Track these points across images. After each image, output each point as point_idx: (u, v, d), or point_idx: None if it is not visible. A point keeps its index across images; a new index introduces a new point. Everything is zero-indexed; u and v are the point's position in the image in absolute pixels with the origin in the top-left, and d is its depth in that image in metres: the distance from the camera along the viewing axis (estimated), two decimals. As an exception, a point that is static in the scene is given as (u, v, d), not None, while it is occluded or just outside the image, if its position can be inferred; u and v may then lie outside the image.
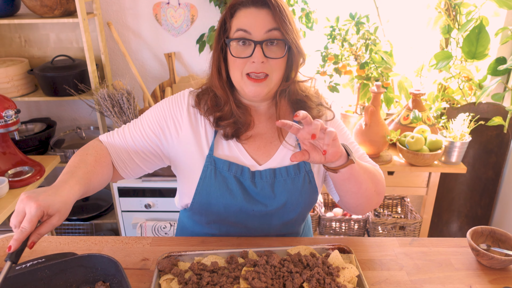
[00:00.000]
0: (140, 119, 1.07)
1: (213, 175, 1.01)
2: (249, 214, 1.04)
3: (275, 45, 0.93)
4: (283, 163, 1.04)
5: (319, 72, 2.12)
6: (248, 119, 1.03)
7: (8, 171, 1.77)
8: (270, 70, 0.95)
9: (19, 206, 0.75)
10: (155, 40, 2.26)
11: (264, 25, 0.91)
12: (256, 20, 0.91)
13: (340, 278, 0.88)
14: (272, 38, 0.92)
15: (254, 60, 0.92)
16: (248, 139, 1.04)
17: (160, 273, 0.91)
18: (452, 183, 2.28)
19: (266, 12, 0.92)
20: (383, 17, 2.13)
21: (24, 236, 0.72)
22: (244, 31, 0.92)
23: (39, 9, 1.92)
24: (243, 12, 0.93)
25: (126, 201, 2.06)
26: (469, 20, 1.93)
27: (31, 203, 0.73)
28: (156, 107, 1.07)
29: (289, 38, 0.92)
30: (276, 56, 0.93)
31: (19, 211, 0.74)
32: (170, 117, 1.04)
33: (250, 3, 0.92)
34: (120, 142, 1.05)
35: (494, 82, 1.90)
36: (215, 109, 1.02)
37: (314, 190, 1.06)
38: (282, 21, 0.91)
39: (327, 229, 2.13)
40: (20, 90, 2.11)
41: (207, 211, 1.05)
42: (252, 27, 0.92)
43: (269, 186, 1.03)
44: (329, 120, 1.09)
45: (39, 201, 0.74)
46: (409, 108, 2.02)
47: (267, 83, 0.95)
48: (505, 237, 1.02)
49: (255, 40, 0.92)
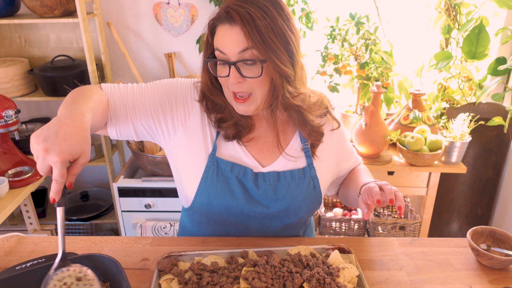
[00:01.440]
0: (148, 86, 1.00)
1: (215, 176, 1.00)
2: (250, 216, 1.03)
3: (252, 64, 0.86)
4: (287, 166, 1.03)
5: (319, 72, 2.12)
6: (249, 122, 1.02)
7: (8, 171, 1.77)
8: (251, 88, 0.90)
9: (42, 163, 0.70)
10: (155, 40, 2.26)
11: (237, 44, 0.84)
12: (230, 39, 0.84)
13: (340, 278, 0.88)
14: (246, 59, 0.85)
15: (230, 81, 0.88)
16: (249, 141, 1.03)
17: (160, 273, 0.91)
18: (452, 183, 2.28)
19: (238, 30, 0.83)
20: (383, 17, 2.13)
21: (61, 186, 0.71)
22: (220, 52, 0.87)
23: (39, 9, 1.92)
24: (219, 29, 0.87)
25: (126, 201, 2.06)
26: (469, 20, 1.93)
27: (53, 157, 0.69)
28: (169, 80, 1.01)
29: (267, 56, 0.84)
30: (253, 76, 0.87)
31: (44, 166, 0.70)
32: (182, 97, 1.00)
33: (224, 19, 0.85)
34: (121, 100, 0.98)
35: (494, 82, 1.90)
36: (215, 111, 1.00)
37: (317, 196, 1.05)
38: (257, 39, 0.82)
39: (327, 229, 2.13)
40: (20, 90, 2.12)
41: (207, 211, 1.04)
42: (225, 47, 0.85)
43: (272, 189, 1.01)
44: (334, 129, 1.08)
45: (62, 153, 0.69)
46: (409, 108, 2.02)
47: (251, 101, 0.92)
48: (505, 237, 1.02)
49: (229, 62, 0.86)
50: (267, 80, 0.89)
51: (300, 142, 1.05)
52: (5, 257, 1.02)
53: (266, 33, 0.83)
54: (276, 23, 0.85)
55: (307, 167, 1.03)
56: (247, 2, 0.84)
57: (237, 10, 0.83)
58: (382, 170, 1.94)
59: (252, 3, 0.84)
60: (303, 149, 1.04)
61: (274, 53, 0.84)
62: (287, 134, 1.05)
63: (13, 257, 1.02)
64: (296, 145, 1.04)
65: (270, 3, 0.85)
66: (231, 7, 0.84)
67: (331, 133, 1.08)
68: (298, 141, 1.05)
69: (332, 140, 1.08)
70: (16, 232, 1.13)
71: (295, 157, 1.03)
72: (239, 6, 0.84)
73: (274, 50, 0.84)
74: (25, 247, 1.06)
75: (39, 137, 0.70)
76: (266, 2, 0.85)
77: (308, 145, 1.04)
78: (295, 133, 1.05)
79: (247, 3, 0.84)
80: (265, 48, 0.83)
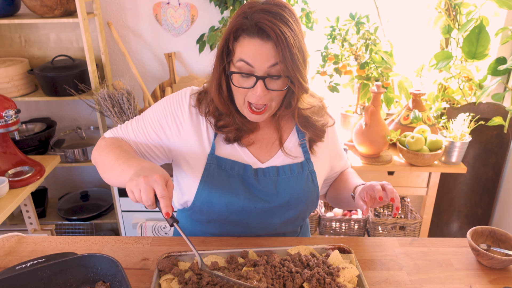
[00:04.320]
0: (142, 117, 1.07)
1: (216, 174, 1.02)
2: (251, 212, 1.04)
3: (277, 79, 0.91)
4: (285, 161, 1.06)
5: (319, 72, 2.12)
6: (252, 125, 1.05)
7: (8, 171, 1.77)
8: (270, 100, 0.94)
9: (145, 188, 0.79)
10: (155, 40, 2.26)
11: (267, 59, 0.87)
12: (261, 54, 0.87)
13: (340, 278, 0.88)
14: (274, 75, 0.89)
15: (256, 94, 0.91)
16: (249, 142, 1.06)
17: (160, 273, 0.91)
18: (452, 183, 2.28)
19: (270, 45, 0.86)
20: (383, 17, 2.13)
21: (169, 202, 0.80)
22: (246, 63, 0.89)
23: (39, 9, 1.92)
24: (247, 41, 0.88)
25: (126, 201, 2.06)
26: (469, 20, 1.93)
27: (154, 177, 0.80)
28: (157, 105, 1.07)
29: (292, 73, 0.88)
30: (278, 88, 0.92)
31: (147, 189, 0.79)
32: (170, 115, 1.04)
33: (255, 34, 0.86)
34: (124, 138, 1.06)
35: (494, 82, 1.90)
36: (215, 117, 1.02)
37: (315, 189, 1.08)
38: (286, 55, 0.86)
39: (327, 229, 2.13)
40: (20, 90, 2.12)
41: (208, 210, 1.05)
42: (255, 61, 0.88)
43: (272, 183, 1.04)
44: (329, 126, 1.11)
45: (160, 173, 0.81)
46: (409, 108, 2.02)
47: (267, 111, 0.96)
48: (505, 237, 1.02)
49: (257, 75, 0.89)
50: (284, 92, 0.96)
51: (297, 138, 1.08)
52: (5, 257, 1.02)
53: (294, 51, 0.87)
54: (297, 38, 0.89)
55: (305, 162, 1.07)
56: (277, 19, 0.86)
57: (272, 28, 0.85)
58: (382, 170, 1.94)
59: (282, 20, 0.86)
60: (300, 145, 1.08)
61: (298, 70, 0.89)
62: (285, 131, 1.09)
63: (13, 257, 1.02)
64: (293, 140, 1.08)
65: (291, 18, 0.88)
66: (265, 24, 0.85)
67: (326, 129, 1.12)
68: (295, 137, 1.08)
69: (327, 137, 1.12)
70: (16, 232, 1.13)
71: (293, 155, 1.06)
72: (272, 23, 0.85)
73: (298, 67, 0.89)
74: (25, 247, 1.06)
75: (132, 179, 0.81)
76: (289, 17, 0.88)
77: (305, 141, 1.08)
78: (293, 129, 1.09)
79: (277, 19, 0.86)
80: (293, 66, 0.87)
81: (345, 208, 1.19)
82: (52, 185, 2.61)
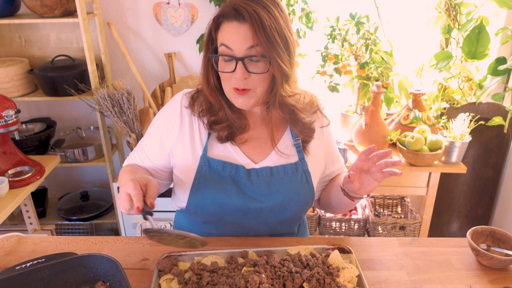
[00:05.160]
0: (143, 141, 1.11)
1: (208, 176, 1.02)
2: (245, 212, 1.04)
3: (257, 61, 0.91)
4: (279, 161, 1.05)
5: (319, 72, 2.12)
6: (243, 123, 1.04)
7: (8, 171, 1.77)
8: (253, 85, 0.93)
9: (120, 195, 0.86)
10: (155, 40, 2.26)
11: (245, 41, 0.88)
12: (238, 35, 0.88)
13: (340, 278, 0.88)
14: (253, 55, 0.89)
15: (237, 76, 0.91)
16: (242, 141, 1.05)
17: (160, 273, 0.91)
18: (452, 183, 2.28)
19: (247, 27, 0.87)
20: (383, 17, 2.13)
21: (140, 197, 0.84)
22: (226, 47, 0.90)
23: (39, 9, 1.92)
24: (226, 26, 0.90)
25: (126, 201, 2.06)
26: (469, 20, 1.93)
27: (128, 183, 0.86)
28: (152, 125, 1.10)
29: (269, 54, 0.88)
30: (259, 71, 0.92)
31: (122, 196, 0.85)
32: (165, 131, 1.06)
33: (233, 17, 0.89)
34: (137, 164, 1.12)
35: (494, 82, 1.90)
36: (209, 113, 1.03)
37: (310, 190, 1.07)
38: (263, 37, 0.87)
39: (327, 229, 2.13)
40: (20, 90, 2.12)
41: (202, 211, 1.05)
42: (233, 43, 0.89)
43: (265, 184, 1.03)
44: (324, 126, 1.11)
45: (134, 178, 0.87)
46: (409, 108, 2.02)
47: (251, 95, 0.95)
48: (505, 237, 1.02)
49: (237, 57, 0.90)
50: (268, 77, 0.94)
51: (291, 138, 1.07)
52: (5, 257, 1.03)
53: (270, 32, 0.88)
54: (278, 23, 0.90)
55: (299, 162, 1.06)
56: (253, 1, 0.89)
57: (246, 9, 0.87)
58: (382, 170, 1.94)
59: (258, 3, 0.89)
60: (295, 145, 1.07)
61: (276, 51, 0.89)
62: (279, 130, 1.08)
63: (13, 257, 1.02)
64: (287, 140, 1.07)
65: (272, 4, 0.90)
66: (240, 5, 0.88)
67: (321, 130, 1.11)
68: (289, 137, 1.07)
69: (322, 137, 1.11)
70: (16, 232, 1.13)
71: (287, 154, 1.06)
72: (247, 4, 0.88)
73: (276, 49, 0.89)
74: (25, 247, 1.06)
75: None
76: (269, 2, 0.90)
77: (299, 141, 1.07)
78: (286, 129, 1.08)
79: (254, 2, 0.89)
80: (269, 47, 0.88)
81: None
82: (52, 185, 2.61)
